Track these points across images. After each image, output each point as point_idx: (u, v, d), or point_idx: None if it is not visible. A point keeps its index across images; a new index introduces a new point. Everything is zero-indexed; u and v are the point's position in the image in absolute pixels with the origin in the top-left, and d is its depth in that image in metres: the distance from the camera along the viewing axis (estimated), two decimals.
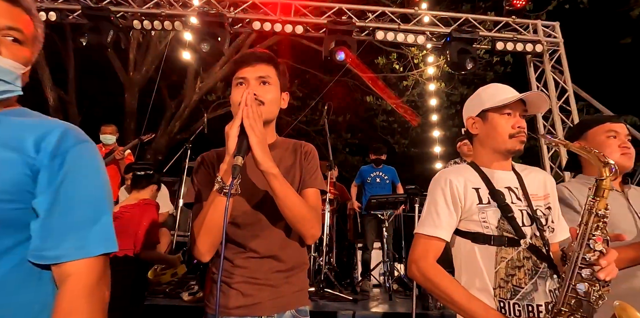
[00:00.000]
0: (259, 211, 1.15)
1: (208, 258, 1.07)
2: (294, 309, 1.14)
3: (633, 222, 1.34)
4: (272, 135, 1.24)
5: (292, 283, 1.16)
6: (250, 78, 1.11)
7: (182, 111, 7.83)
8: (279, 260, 1.14)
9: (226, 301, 1.09)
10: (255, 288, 1.10)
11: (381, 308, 3.26)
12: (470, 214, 1.16)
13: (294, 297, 1.16)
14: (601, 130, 1.44)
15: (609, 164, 0.98)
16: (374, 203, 3.93)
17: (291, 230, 1.17)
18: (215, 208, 1.00)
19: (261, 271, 1.12)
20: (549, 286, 1.11)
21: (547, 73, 4.43)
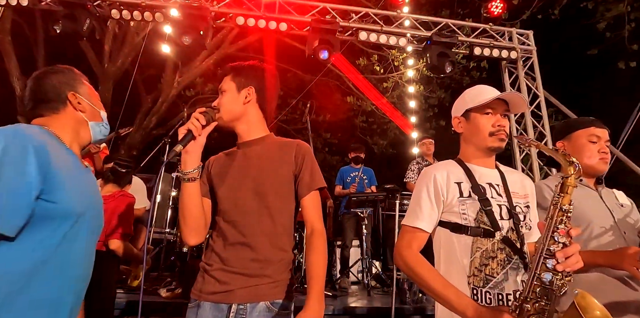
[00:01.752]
0: (238, 198, 1.21)
1: (193, 243, 1.19)
2: (269, 301, 1.14)
3: (608, 218, 1.43)
4: (259, 130, 1.31)
5: (268, 275, 1.16)
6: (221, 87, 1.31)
7: (159, 106, 7.64)
8: (254, 249, 1.16)
9: (204, 286, 1.16)
10: (230, 276, 1.14)
11: (359, 303, 3.32)
12: (451, 207, 1.22)
13: (269, 289, 1.15)
14: (585, 134, 1.52)
15: (574, 163, 1.04)
16: (354, 202, 3.99)
17: (274, 221, 1.20)
18: (184, 194, 1.16)
19: (236, 259, 1.16)
20: (520, 277, 1.17)
21: (521, 79, 4.63)
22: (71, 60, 7.91)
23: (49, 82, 1.09)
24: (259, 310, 1.12)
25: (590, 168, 1.50)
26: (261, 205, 1.20)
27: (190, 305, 1.18)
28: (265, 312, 1.13)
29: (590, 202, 1.46)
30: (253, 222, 1.18)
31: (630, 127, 5.39)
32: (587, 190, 1.50)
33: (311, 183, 1.26)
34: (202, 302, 1.14)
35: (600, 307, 0.97)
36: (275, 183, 1.22)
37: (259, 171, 1.23)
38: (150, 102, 7.94)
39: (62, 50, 7.22)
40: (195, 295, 1.18)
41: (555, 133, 1.67)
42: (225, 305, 1.12)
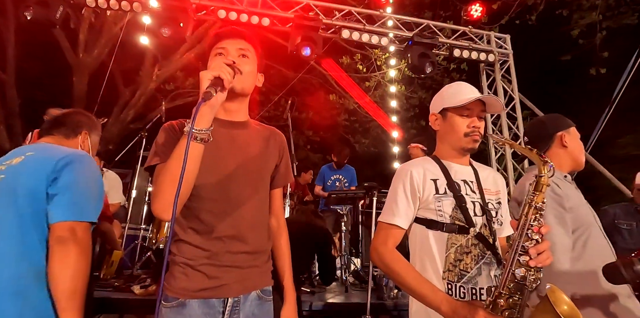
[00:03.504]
0: (230, 187, 1.12)
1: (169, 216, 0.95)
2: (259, 289, 1.16)
3: (592, 213, 1.49)
4: (245, 113, 1.25)
5: (258, 265, 1.16)
6: (230, 49, 1.14)
7: (137, 99, 7.42)
8: (246, 242, 1.13)
9: (189, 284, 1.07)
10: (221, 271, 1.08)
11: (337, 299, 3.34)
12: (427, 203, 1.24)
13: (259, 277, 1.17)
14: (576, 131, 1.61)
15: (548, 163, 1.08)
16: (333, 199, 4.01)
17: (261, 212, 1.19)
18: (182, 152, 0.91)
19: (227, 253, 1.10)
20: (493, 271, 1.20)
21: (497, 81, 4.77)
22: (43, 49, 7.58)
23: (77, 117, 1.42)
24: (250, 300, 1.13)
25: (581, 164, 1.59)
26: (253, 196, 1.16)
27: (169, 305, 1.06)
28: (256, 300, 1.14)
29: (583, 201, 1.51)
30: (245, 214, 1.12)
31: (599, 131, 5.64)
32: (573, 187, 1.54)
33: (286, 177, 1.30)
34: (187, 300, 1.05)
35: (568, 301, 1.00)
36: (263, 173, 1.21)
37: (251, 160, 1.17)
38: (128, 95, 7.70)
39: (34, 38, 6.90)
40: (178, 293, 1.06)
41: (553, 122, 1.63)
42: (217, 300, 1.07)
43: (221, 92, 0.95)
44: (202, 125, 0.94)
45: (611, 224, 2.65)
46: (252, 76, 1.18)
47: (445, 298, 1.08)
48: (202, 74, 0.95)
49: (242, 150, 1.16)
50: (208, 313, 1.06)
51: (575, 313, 0.98)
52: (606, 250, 1.43)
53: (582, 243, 1.41)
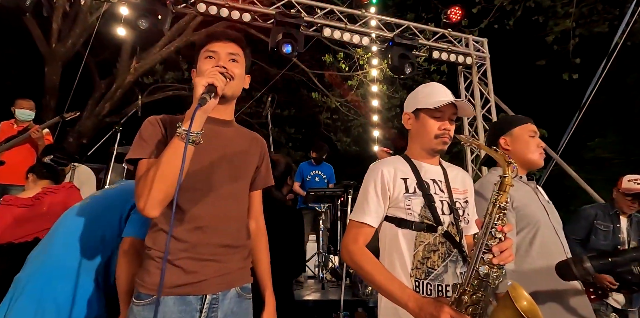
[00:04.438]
0: (212, 178, 1.11)
1: (157, 213, 0.98)
2: (238, 286, 1.14)
3: (545, 215, 1.53)
4: (231, 114, 1.26)
5: (237, 261, 1.14)
6: (221, 53, 1.15)
7: (114, 92, 7.22)
8: (226, 234, 1.11)
9: (165, 279, 1.01)
10: (200, 265, 1.05)
11: (313, 296, 3.37)
12: (397, 202, 1.26)
13: (239, 274, 1.15)
14: (525, 130, 1.61)
15: (512, 164, 1.11)
16: (312, 197, 4.01)
17: (241, 207, 1.18)
18: (175, 153, 0.96)
19: (207, 245, 1.07)
20: (459, 269, 1.24)
21: (474, 84, 4.89)
22: (13, 38, 7.23)
23: None
24: (230, 297, 1.11)
25: (532, 163, 1.60)
26: (234, 190, 1.16)
27: (142, 302, 1.01)
28: (235, 298, 1.12)
29: (534, 200, 1.55)
30: (226, 206, 1.12)
31: (569, 134, 5.87)
32: (527, 187, 1.59)
33: (267, 179, 1.31)
34: (162, 297, 1.01)
35: (528, 297, 1.04)
36: (247, 170, 1.22)
37: (234, 155, 1.18)
38: (104, 88, 7.48)
39: (3, 25, 6.59)
40: (152, 289, 1.02)
41: (495, 129, 1.72)
42: (195, 297, 1.04)
43: (214, 99, 0.99)
44: (195, 128, 0.97)
45: (590, 224, 2.69)
46: (241, 79, 1.21)
47: (412, 295, 1.10)
48: (197, 81, 0.99)
49: (226, 145, 1.17)
50: (184, 310, 1.02)
51: (534, 309, 1.02)
52: (555, 248, 1.47)
53: (528, 241, 1.46)
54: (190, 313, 1.03)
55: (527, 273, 1.41)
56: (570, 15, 7.35)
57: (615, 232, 2.61)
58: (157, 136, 1.09)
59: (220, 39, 1.17)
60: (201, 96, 0.96)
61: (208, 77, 0.99)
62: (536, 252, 1.44)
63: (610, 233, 2.62)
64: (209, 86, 0.98)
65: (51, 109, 6.64)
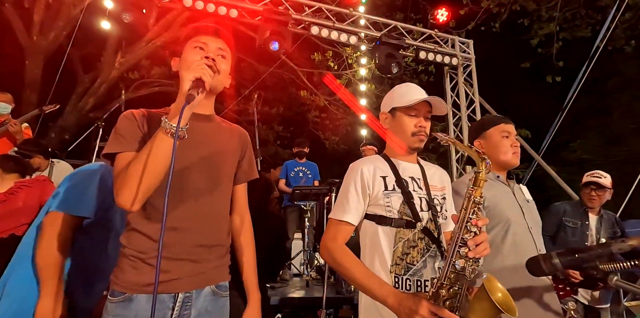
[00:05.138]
0: (188, 177, 1.10)
1: (137, 207, 0.97)
2: (214, 285, 1.13)
3: (520, 214, 1.57)
4: (211, 108, 1.25)
5: (213, 259, 1.14)
6: (211, 46, 1.16)
7: (98, 87, 7.07)
8: (202, 234, 1.10)
9: (138, 277, 1.03)
10: (174, 264, 1.05)
11: (297, 293, 3.37)
12: (377, 200, 1.28)
13: (214, 272, 1.14)
14: (497, 131, 1.65)
15: (485, 159, 1.14)
16: (297, 194, 4.02)
17: (220, 205, 1.17)
18: (159, 148, 0.95)
19: (182, 245, 1.06)
20: (437, 264, 1.26)
21: (460, 84, 4.96)
22: None
23: None
24: (204, 295, 1.10)
25: (505, 163, 1.64)
26: (212, 188, 1.14)
27: (116, 300, 1.02)
28: (210, 296, 1.12)
29: (506, 198, 1.59)
30: (203, 206, 1.10)
31: (551, 136, 6.01)
32: (503, 186, 1.63)
33: (249, 173, 1.30)
34: (135, 295, 1.02)
35: (502, 289, 1.07)
36: (226, 166, 1.20)
37: (212, 151, 1.16)
38: (88, 82, 7.32)
39: None
40: (124, 287, 1.03)
41: (471, 133, 1.79)
42: (168, 295, 1.04)
43: (201, 94, 0.99)
44: (183, 122, 0.97)
45: (559, 220, 2.76)
46: (226, 76, 1.21)
47: (391, 291, 1.11)
48: (184, 75, 0.98)
49: (204, 142, 1.15)
50: (158, 308, 1.01)
51: (509, 300, 1.05)
52: (527, 247, 1.51)
53: (499, 239, 1.50)
54: (163, 311, 1.03)
55: (497, 271, 1.44)
56: (555, 19, 7.52)
57: (584, 229, 2.66)
58: (134, 130, 1.07)
59: (211, 34, 1.18)
60: (189, 92, 0.95)
61: (195, 71, 0.98)
62: (507, 251, 1.48)
63: (578, 230, 2.68)
64: (197, 81, 0.97)
65: (32, 104, 6.46)
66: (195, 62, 1.02)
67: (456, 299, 1.06)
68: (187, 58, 1.13)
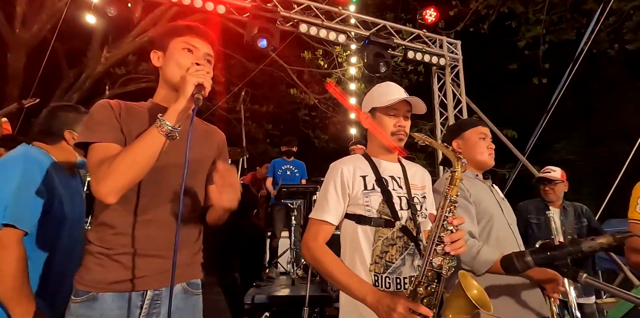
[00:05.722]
0: (163, 172, 1.08)
1: (114, 200, 0.96)
2: (185, 282, 1.11)
3: (500, 211, 1.62)
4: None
5: (185, 255, 1.12)
6: (201, 50, 1.16)
7: (83, 82, 6.94)
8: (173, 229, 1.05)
9: (103, 275, 1.00)
10: (142, 260, 1.02)
11: (282, 292, 3.37)
12: (356, 199, 1.29)
13: (186, 269, 1.12)
14: (475, 133, 1.71)
15: (461, 159, 1.16)
16: (284, 192, 4.00)
17: (193, 202, 1.15)
18: (152, 143, 0.97)
19: (151, 239, 1.04)
20: (416, 262, 1.27)
21: (447, 85, 5.01)
22: None
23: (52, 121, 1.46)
24: (175, 293, 1.07)
25: (482, 163, 1.69)
26: (189, 185, 1.13)
27: (79, 300, 0.98)
28: (181, 294, 1.10)
29: (488, 196, 1.63)
30: (176, 201, 1.07)
31: (536, 136, 6.11)
32: (482, 184, 1.68)
33: None
34: (100, 294, 0.98)
35: (477, 285, 1.09)
36: (202, 164, 1.20)
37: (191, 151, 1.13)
38: (73, 77, 7.18)
39: None
40: (88, 286, 0.99)
41: (448, 133, 1.84)
42: (135, 293, 1.01)
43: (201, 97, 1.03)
44: (176, 123, 1.01)
45: (525, 219, 2.89)
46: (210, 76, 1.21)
47: (370, 289, 1.12)
48: (188, 78, 1.01)
49: (182, 139, 1.12)
50: (124, 307, 0.99)
51: (484, 297, 1.07)
52: (509, 243, 1.55)
53: (486, 233, 1.54)
54: (130, 310, 1.00)
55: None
56: (541, 22, 7.64)
57: (548, 224, 2.77)
58: (110, 120, 1.05)
59: (201, 37, 1.17)
60: (195, 96, 0.99)
61: (199, 77, 1.01)
62: (492, 245, 1.50)
63: (543, 225, 2.80)
64: (199, 86, 1.01)
65: (14, 99, 6.31)
66: (193, 67, 1.05)
67: (434, 297, 1.07)
68: (178, 60, 1.12)
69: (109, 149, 1.00)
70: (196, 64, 1.08)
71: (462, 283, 1.05)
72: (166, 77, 1.15)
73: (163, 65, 1.15)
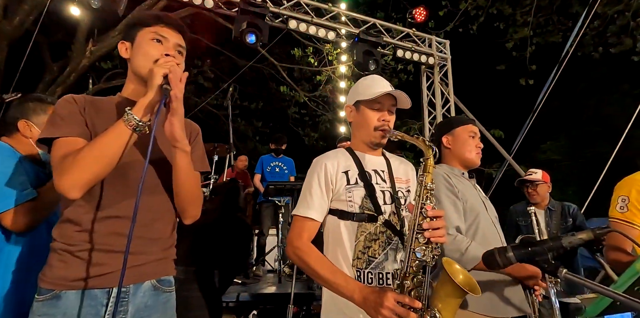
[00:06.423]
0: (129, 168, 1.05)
1: (77, 195, 0.94)
2: (154, 279, 1.08)
3: (484, 209, 1.64)
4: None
5: (154, 252, 1.08)
6: (171, 41, 1.12)
7: (67, 76, 6.76)
8: (144, 226, 1.05)
9: (66, 272, 0.97)
10: (107, 256, 0.99)
11: (267, 289, 3.35)
12: (339, 195, 1.27)
13: (156, 266, 1.08)
14: (465, 130, 1.73)
15: (432, 147, 1.16)
16: (272, 190, 3.98)
17: (163, 198, 1.12)
18: (117, 139, 0.95)
19: (117, 235, 1.01)
20: (399, 256, 1.26)
21: (436, 84, 5.05)
22: None
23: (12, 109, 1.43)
24: (143, 290, 1.05)
25: (469, 161, 1.71)
26: (155, 177, 1.10)
27: (42, 298, 0.96)
28: (150, 291, 1.06)
29: (473, 193, 1.65)
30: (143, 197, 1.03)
31: (522, 137, 6.20)
32: (468, 182, 1.70)
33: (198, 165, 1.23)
34: (63, 292, 0.95)
35: (463, 270, 1.08)
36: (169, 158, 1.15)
37: (159, 144, 1.12)
38: (57, 71, 7.00)
39: None
40: (51, 283, 0.96)
41: (439, 128, 1.85)
42: (101, 290, 0.98)
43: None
44: (146, 118, 0.98)
45: (514, 221, 2.98)
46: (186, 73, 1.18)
47: (357, 287, 1.10)
48: (156, 70, 0.98)
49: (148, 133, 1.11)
50: (89, 305, 0.96)
51: (471, 281, 1.06)
52: (494, 238, 1.58)
53: (472, 231, 1.56)
54: (95, 308, 0.97)
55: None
56: (529, 24, 7.75)
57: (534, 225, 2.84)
58: (73, 114, 1.03)
59: (172, 27, 1.13)
60: (164, 87, 0.96)
61: (165, 68, 0.98)
62: (479, 242, 1.51)
63: (530, 226, 2.84)
64: (166, 77, 0.98)
65: None
66: (162, 59, 1.02)
67: (421, 288, 1.06)
68: (147, 51, 1.09)
69: (74, 143, 0.98)
70: (166, 55, 1.05)
71: (447, 270, 1.04)
72: (134, 69, 1.11)
73: (131, 56, 1.12)
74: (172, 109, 1.00)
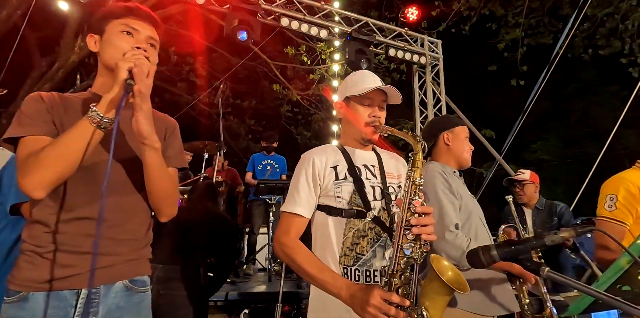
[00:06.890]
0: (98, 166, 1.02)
1: (41, 195, 0.91)
2: (127, 280, 1.06)
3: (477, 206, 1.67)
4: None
5: (126, 253, 1.06)
6: (142, 33, 1.08)
7: (55, 72, 6.63)
8: (113, 225, 1.03)
9: (34, 274, 0.95)
10: (76, 258, 0.97)
11: (257, 288, 3.34)
12: (327, 191, 1.25)
13: (127, 266, 1.06)
14: (463, 131, 1.77)
15: (420, 142, 1.15)
16: (263, 188, 3.96)
17: (135, 196, 1.09)
18: (81, 137, 0.92)
19: (86, 235, 0.98)
20: (388, 253, 1.25)
21: (427, 83, 5.07)
22: None
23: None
24: (115, 291, 1.02)
25: (464, 161, 1.75)
26: (126, 178, 1.07)
27: (9, 300, 0.94)
28: (123, 291, 1.04)
29: (465, 192, 1.67)
30: (114, 196, 1.02)
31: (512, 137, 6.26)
32: (460, 181, 1.71)
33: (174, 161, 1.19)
34: (31, 294, 0.94)
35: (452, 267, 1.07)
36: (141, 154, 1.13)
37: (129, 141, 1.09)
38: (45, 67, 6.86)
39: None
40: (19, 285, 0.95)
41: (439, 123, 1.86)
42: (70, 291, 0.96)
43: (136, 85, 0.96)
44: (111, 114, 0.95)
45: (507, 221, 2.94)
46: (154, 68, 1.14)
47: (344, 284, 1.08)
48: (120, 64, 0.94)
49: (125, 132, 1.08)
50: (58, 306, 0.95)
51: (460, 278, 1.05)
52: (485, 235, 1.60)
53: (466, 229, 1.57)
54: (64, 309, 0.96)
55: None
56: (520, 26, 7.82)
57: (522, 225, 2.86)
58: (40, 113, 1.00)
59: (143, 19, 1.09)
60: (127, 82, 0.92)
61: (130, 62, 0.94)
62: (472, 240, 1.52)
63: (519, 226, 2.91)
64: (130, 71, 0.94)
65: None
66: (130, 52, 0.98)
67: (409, 285, 1.05)
68: (116, 44, 1.05)
69: (39, 142, 0.95)
70: (136, 48, 1.02)
71: (434, 267, 1.02)
72: (104, 62, 1.08)
73: (100, 50, 1.08)
74: (136, 105, 0.95)
